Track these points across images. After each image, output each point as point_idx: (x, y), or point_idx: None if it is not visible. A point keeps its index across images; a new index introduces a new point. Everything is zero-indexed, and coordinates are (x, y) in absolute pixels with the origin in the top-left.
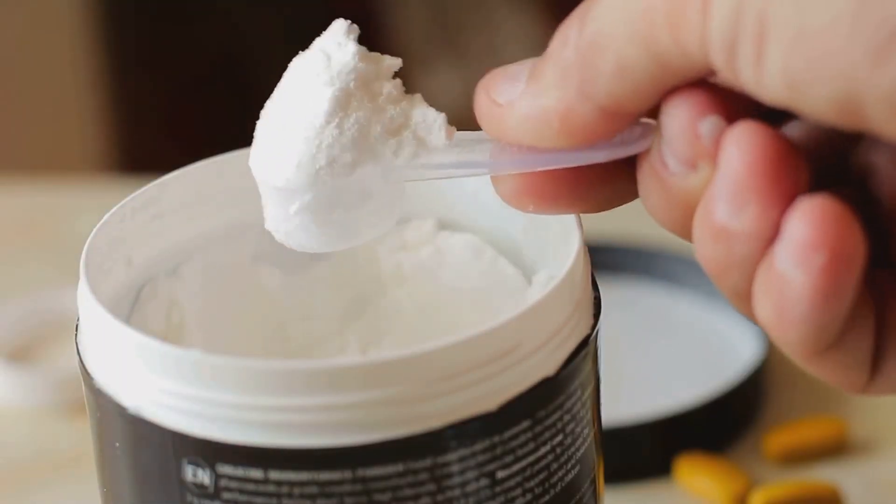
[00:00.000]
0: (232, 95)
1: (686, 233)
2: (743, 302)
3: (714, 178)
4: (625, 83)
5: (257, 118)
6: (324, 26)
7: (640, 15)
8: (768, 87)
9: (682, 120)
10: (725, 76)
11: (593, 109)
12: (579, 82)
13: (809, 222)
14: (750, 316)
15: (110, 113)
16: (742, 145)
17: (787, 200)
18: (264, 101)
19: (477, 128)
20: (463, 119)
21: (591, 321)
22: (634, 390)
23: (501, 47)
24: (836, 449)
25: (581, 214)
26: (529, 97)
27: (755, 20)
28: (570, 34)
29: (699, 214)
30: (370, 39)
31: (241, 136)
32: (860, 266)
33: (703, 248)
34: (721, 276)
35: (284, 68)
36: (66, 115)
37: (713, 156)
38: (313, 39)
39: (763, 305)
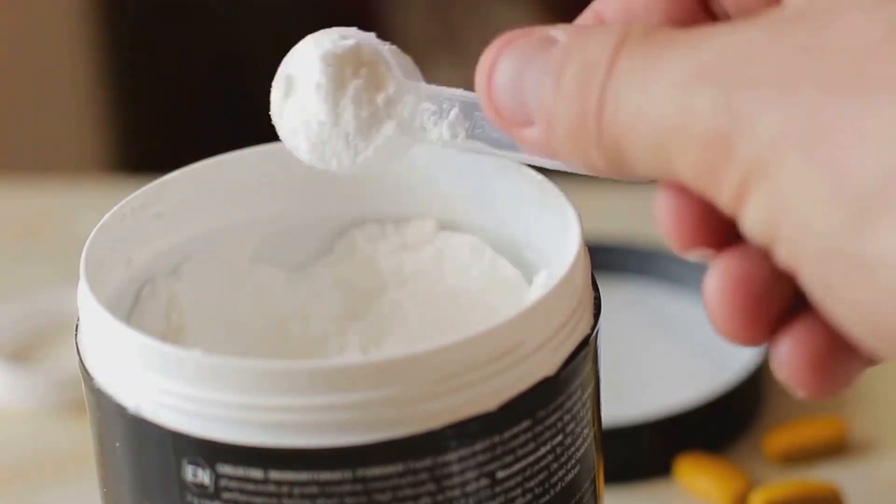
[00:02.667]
0: (232, 96)
1: None
2: None
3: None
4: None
5: (257, 118)
6: (325, 27)
7: (662, 153)
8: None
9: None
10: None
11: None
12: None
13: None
14: None
15: (110, 113)
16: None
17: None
18: (265, 102)
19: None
20: None
21: (592, 321)
22: (634, 390)
23: None
24: (836, 449)
25: (582, 214)
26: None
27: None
28: (587, 101)
29: None
30: None
31: (241, 137)
32: None
33: None
34: None
35: None
36: (66, 115)
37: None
38: None
39: None
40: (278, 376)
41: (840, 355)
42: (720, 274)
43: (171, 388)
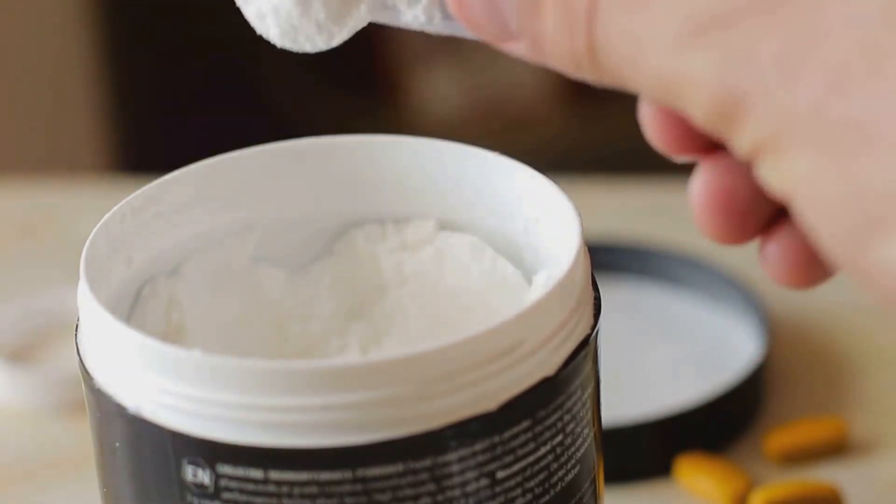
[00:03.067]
0: (232, 96)
1: None
2: None
3: None
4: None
5: (258, 118)
6: None
7: (665, 96)
8: None
9: None
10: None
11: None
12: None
13: None
14: None
15: (110, 113)
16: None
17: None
18: (265, 101)
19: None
20: (463, 119)
21: (592, 321)
22: (634, 390)
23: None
24: (836, 449)
25: (582, 214)
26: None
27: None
28: (575, 41)
29: None
30: (370, 39)
31: (241, 137)
32: None
33: None
34: None
35: (284, 68)
36: (66, 115)
37: None
38: None
39: None
40: (278, 376)
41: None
42: (705, 185)
43: (170, 388)
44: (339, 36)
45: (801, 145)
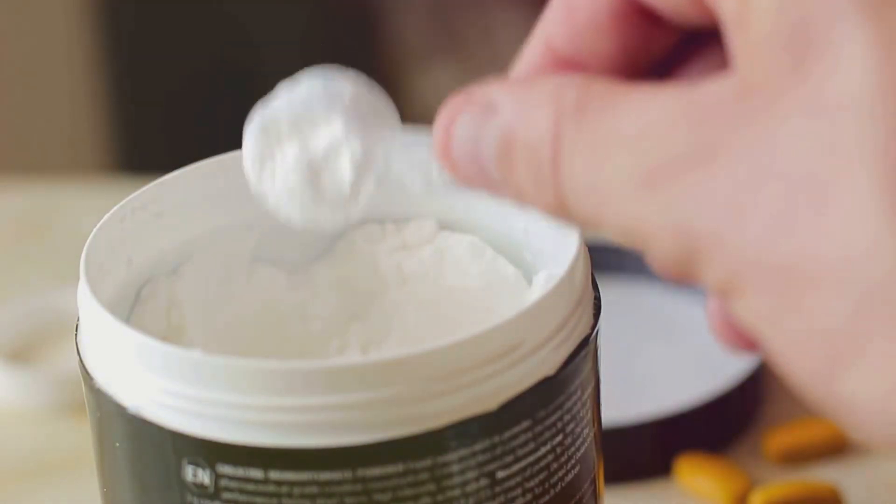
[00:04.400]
0: (232, 96)
1: None
2: None
3: None
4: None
5: None
6: (325, 26)
7: (631, 241)
8: None
9: None
10: None
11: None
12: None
13: None
14: None
15: (110, 113)
16: None
17: None
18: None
19: None
20: None
21: (592, 321)
22: (634, 390)
23: (501, 47)
24: (836, 449)
25: None
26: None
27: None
28: (545, 193)
29: None
30: (370, 39)
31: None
32: None
33: None
34: None
35: (284, 68)
36: (66, 115)
37: None
38: (314, 40)
39: None
40: (278, 376)
41: None
42: (711, 314)
43: (170, 388)
44: (354, 213)
45: (756, 287)
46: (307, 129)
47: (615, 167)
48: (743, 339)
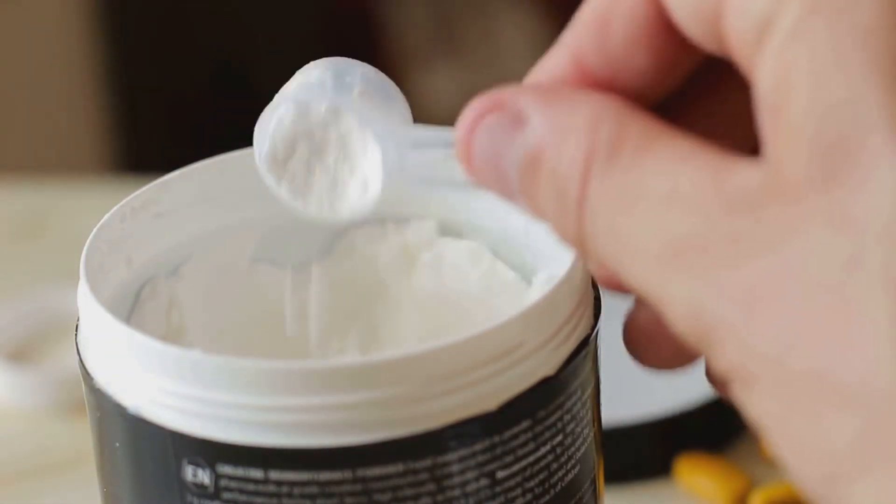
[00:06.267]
0: (233, 95)
1: None
2: None
3: None
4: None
5: (258, 118)
6: (325, 26)
7: (647, 297)
8: None
9: None
10: None
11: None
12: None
13: None
14: None
15: (110, 113)
16: None
17: None
18: (265, 101)
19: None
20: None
21: (592, 321)
22: (634, 390)
23: (501, 47)
24: None
25: None
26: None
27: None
28: (567, 219)
29: None
30: (370, 39)
31: (241, 136)
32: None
33: None
34: None
35: (284, 67)
36: (66, 115)
37: None
38: (314, 40)
39: None
40: (278, 376)
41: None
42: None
43: (170, 388)
44: (367, 207)
45: (767, 386)
46: (317, 123)
47: (640, 224)
48: (664, 359)
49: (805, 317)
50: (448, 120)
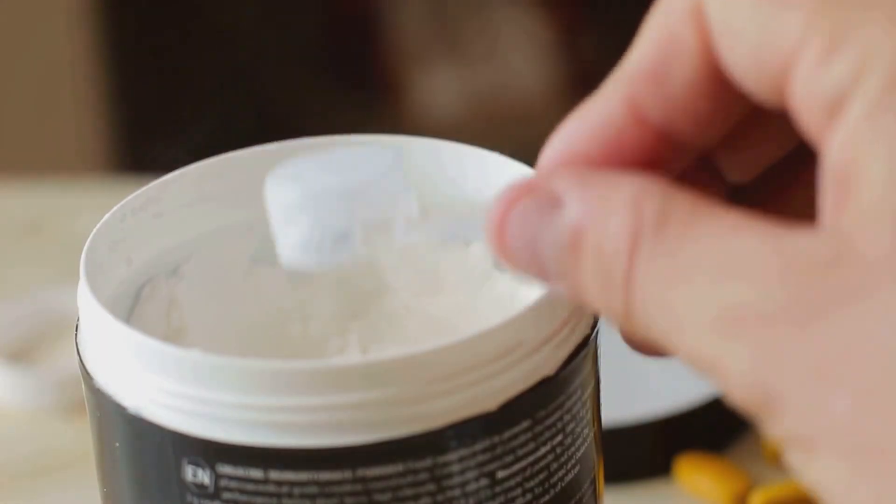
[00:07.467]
0: (233, 95)
1: None
2: None
3: None
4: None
5: (258, 118)
6: (325, 27)
7: (700, 371)
8: None
9: None
10: None
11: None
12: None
13: None
14: None
15: (110, 113)
16: None
17: None
18: (265, 101)
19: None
20: (462, 118)
21: (592, 321)
22: (634, 390)
23: (501, 47)
24: None
25: None
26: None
27: None
28: (613, 300)
29: None
30: (370, 39)
31: (241, 136)
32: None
33: None
34: None
35: (284, 68)
36: (66, 115)
37: None
38: (314, 40)
39: None
40: (278, 376)
41: None
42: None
43: (170, 388)
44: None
45: (834, 455)
46: (324, 206)
47: (693, 296)
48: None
49: (877, 390)
50: (447, 119)
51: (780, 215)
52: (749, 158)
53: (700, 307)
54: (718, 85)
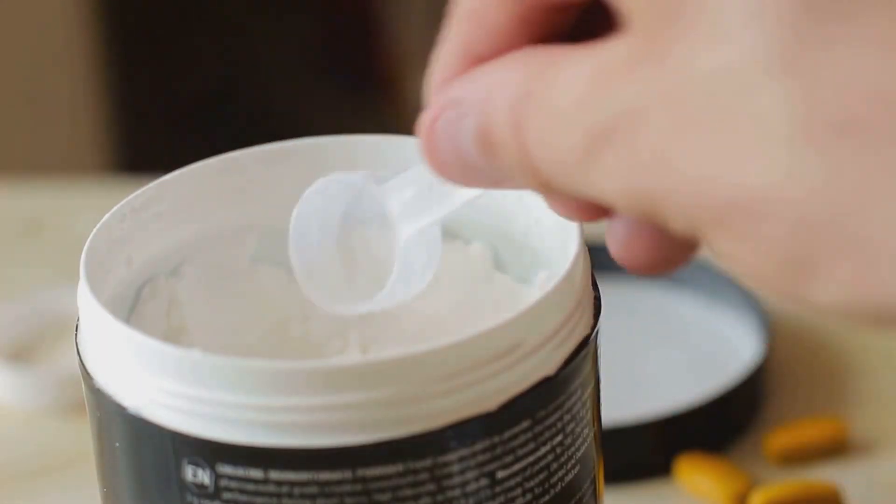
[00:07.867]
0: (232, 95)
1: None
2: None
3: None
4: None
5: (257, 118)
6: (325, 27)
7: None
8: None
9: None
10: None
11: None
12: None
13: None
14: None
15: (110, 113)
16: None
17: None
18: (265, 102)
19: None
20: None
21: (592, 321)
22: (634, 390)
23: None
24: (836, 449)
25: None
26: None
27: None
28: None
29: None
30: (370, 39)
31: (241, 136)
32: None
33: None
34: None
35: (284, 68)
36: (66, 115)
37: None
38: (314, 41)
39: None
40: (278, 376)
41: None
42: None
43: (170, 388)
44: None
45: (713, 226)
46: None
47: (565, 142)
48: (645, 263)
49: (715, 148)
50: None
51: None
52: None
53: (570, 151)
54: (532, 15)
